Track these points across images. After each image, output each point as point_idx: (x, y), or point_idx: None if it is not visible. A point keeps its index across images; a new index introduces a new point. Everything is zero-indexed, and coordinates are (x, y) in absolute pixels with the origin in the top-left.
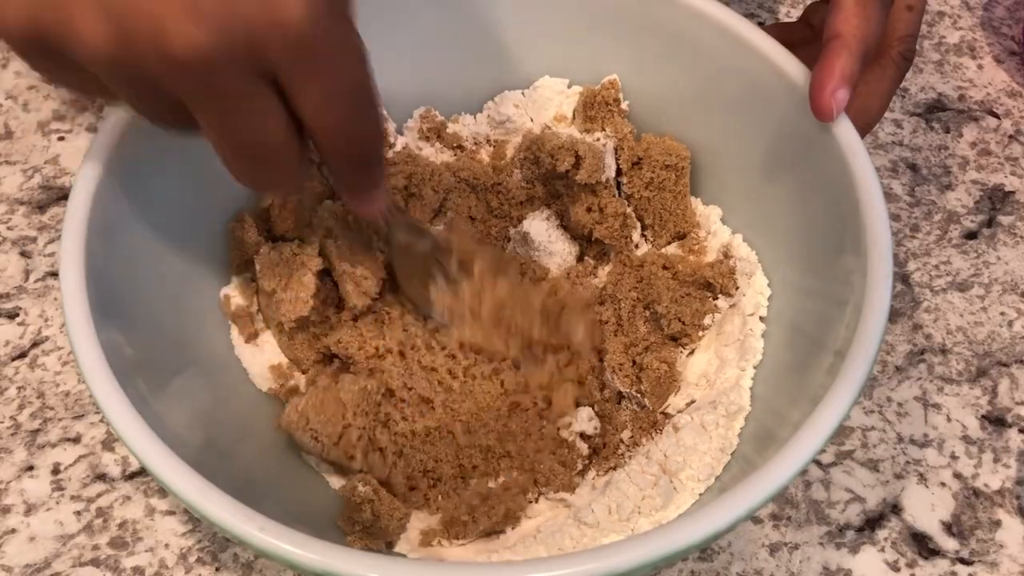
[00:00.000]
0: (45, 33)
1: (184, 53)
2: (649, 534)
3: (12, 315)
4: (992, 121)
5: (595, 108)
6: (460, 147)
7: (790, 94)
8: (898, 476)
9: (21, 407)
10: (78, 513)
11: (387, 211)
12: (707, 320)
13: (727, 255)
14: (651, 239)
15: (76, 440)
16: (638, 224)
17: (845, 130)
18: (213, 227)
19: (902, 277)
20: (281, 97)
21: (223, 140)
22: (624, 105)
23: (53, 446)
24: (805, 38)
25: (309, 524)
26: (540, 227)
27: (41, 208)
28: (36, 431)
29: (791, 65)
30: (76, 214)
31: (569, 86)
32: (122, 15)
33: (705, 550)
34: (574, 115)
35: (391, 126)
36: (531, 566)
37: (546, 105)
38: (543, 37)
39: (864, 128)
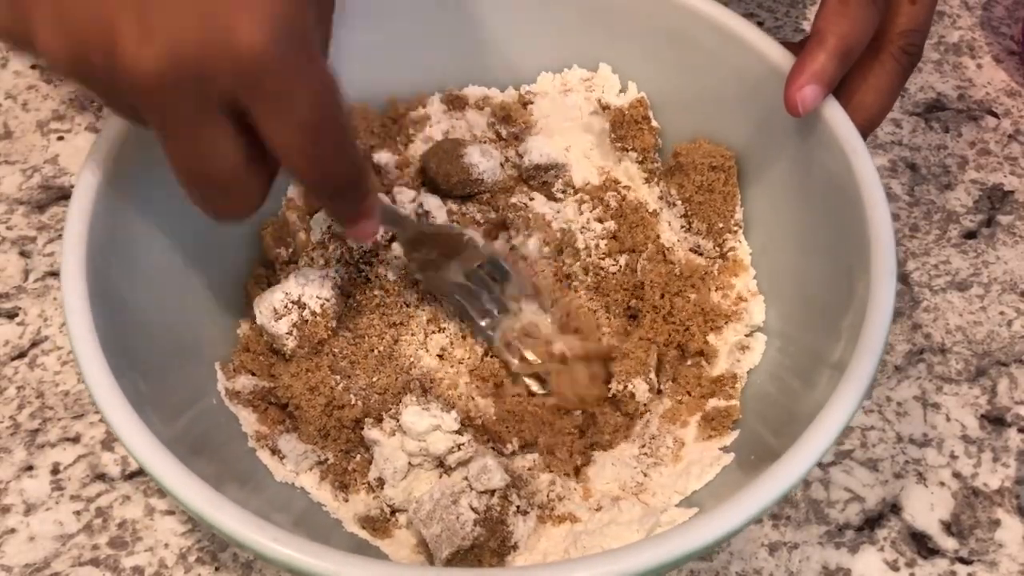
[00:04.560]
0: (15, 38)
1: (133, 74)
2: (660, 537)
3: (11, 315)
4: (991, 121)
5: (624, 127)
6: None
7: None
8: (897, 476)
9: (21, 407)
10: (77, 513)
11: (400, 225)
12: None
13: (743, 347)
14: (701, 246)
15: (75, 440)
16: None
17: (844, 127)
18: (222, 235)
19: (901, 277)
20: (242, 126)
21: (175, 163)
22: (654, 123)
23: (52, 446)
24: None
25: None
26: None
27: (40, 208)
28: (36, 431)
29: (788, 63)
30: (78, 213)
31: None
32: (74, 30)
33: None
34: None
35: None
36: (540, 570)
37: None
38: (539, 34)
39: (865, 124)
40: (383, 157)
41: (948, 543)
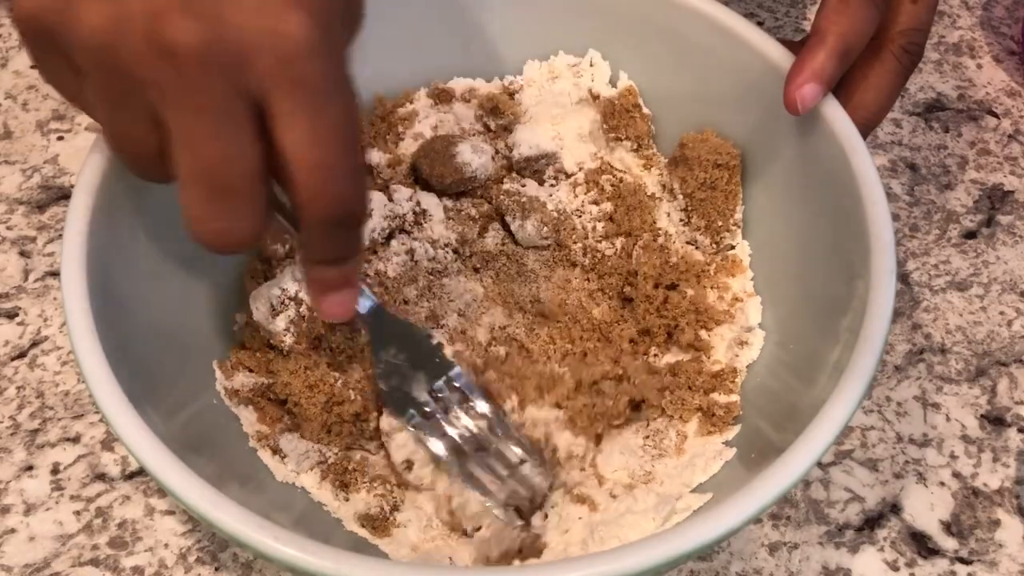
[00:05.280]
0: (49, 13)
1: (173, 43)
2: (659, 536)
3: (11, 315)
4: (991, 121)
5: (616, 117)
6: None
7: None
8: (897, 476)
9: (20, 407)
10: (77, 513)
11: (364, 316)
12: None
13: (741, 341)
14: (698, 241)
15: (75, 440)
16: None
17: (843, 126)
18: None
19: (901, 276)
20: (261, 130)
21: (188, 160)
22: (645, 110)
23: (52, 446)
24: None
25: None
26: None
27: (40, 208)
28: (36, 431)
29: (787, 62)
30: (79, 211)
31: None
32: (121, 4)
33: None
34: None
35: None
36: (542, 569)
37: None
38: (537, 28)
39: (864, 123)
40: (374, 156)
41: (948, 543)
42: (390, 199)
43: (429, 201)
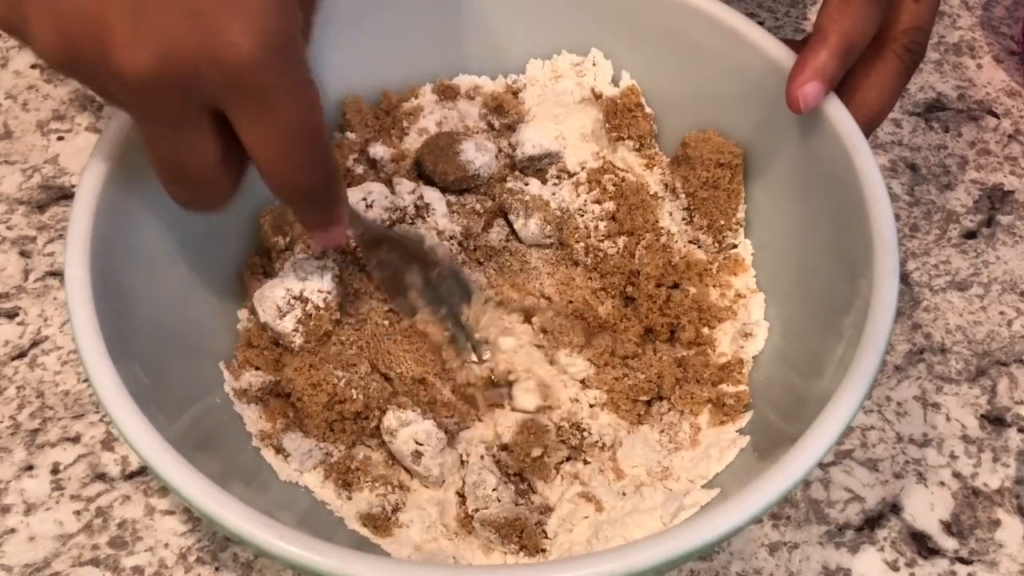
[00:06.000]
0: (10, 26)
1: (122, 73)
2: (662, 534)
3: (11, 315)
4: (991, 121)
5: (618, 116)
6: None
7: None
8: (897, 476)
9: (21, 407)
10: (77, 513)
11: (358, 239)
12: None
13: (745, 334)
14: (701, 240)
15: (76, 440)
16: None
17: (846, 124)
18: (221, 225)
19: (902, 276)
20: (222, 126)
21: (154, 157)
22: (648, 109)
23: (53, 446)
24: None
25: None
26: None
27: (41, 208)
28: (36, 431)
29: (790, 61)
30: (81, 211)
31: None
32: (66, 23)
33: None
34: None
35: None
36: (544, 568)
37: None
38: (540, 27)
39: (867, 122)
40: (378, 151)
41: (948, 543)
42: (392, 191)
43: (432, 195)
